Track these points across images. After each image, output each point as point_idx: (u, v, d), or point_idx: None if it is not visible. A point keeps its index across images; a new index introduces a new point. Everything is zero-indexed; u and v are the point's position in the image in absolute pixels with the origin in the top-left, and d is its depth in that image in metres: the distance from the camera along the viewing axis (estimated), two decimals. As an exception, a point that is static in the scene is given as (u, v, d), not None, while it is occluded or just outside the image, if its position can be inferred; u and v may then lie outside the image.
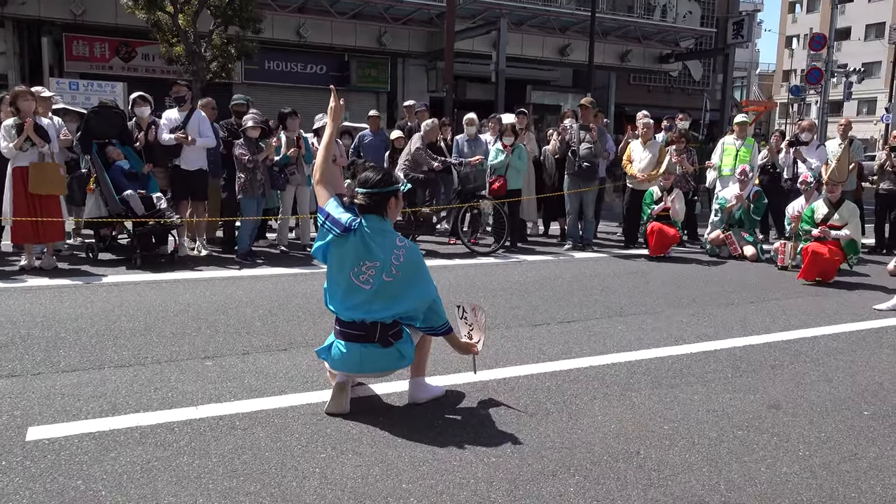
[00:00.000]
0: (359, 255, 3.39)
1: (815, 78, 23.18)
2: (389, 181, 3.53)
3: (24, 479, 2.74)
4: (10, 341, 4.49)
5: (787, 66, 55.36)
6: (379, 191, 3.46)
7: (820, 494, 2.85)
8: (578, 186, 9.18)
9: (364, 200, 3.45)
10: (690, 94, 28.36)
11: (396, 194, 3.54)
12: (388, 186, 3.49)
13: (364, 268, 3.39)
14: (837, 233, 7.61)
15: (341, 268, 3.43)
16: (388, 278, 3.38)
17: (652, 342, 4.99)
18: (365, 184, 3.48)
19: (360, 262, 3.39)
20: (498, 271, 7.65)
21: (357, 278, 3.39)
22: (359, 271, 3.39)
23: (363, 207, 3.46)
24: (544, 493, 2.78)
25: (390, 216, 3.52)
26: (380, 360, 3.48)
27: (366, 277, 3.39)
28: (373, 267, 3.38)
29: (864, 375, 4.40)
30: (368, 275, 3.38)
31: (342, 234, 3.40)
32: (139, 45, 18.72)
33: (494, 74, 18.46)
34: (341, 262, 3.43)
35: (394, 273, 3.39)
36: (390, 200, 3.50)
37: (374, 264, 3.38)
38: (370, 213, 3.46)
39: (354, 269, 3.39)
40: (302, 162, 8.37)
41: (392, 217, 3.53)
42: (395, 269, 3.39)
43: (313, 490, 2.75)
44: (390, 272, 3.38)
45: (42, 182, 6.63)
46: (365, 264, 3.39)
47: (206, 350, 4.46)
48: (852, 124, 10.75)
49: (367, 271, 3.38)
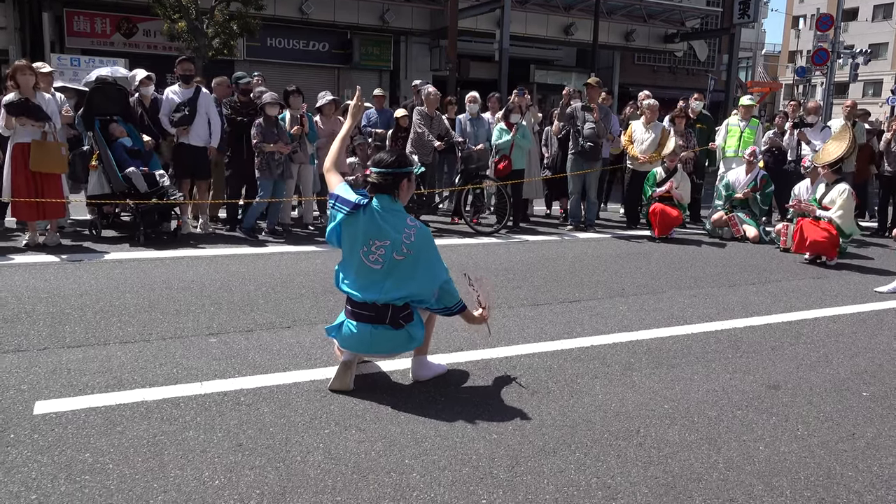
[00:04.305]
0: (369, 233, 3.40)
1: (821, 59, 22.97)
2: (404, 163, 3.54)
3: (33, 452, 2.78)
4: (16, 317, 4.52)
5: (794, 46, 54.95)
6: (392, 171, 3.47)
7: (818, 473, 2.89)
8: (581, 167, 9.15)
9: (377, 179, 3.46)
10: (695, 75, 28.17)
11: (409, 176, 3.55)
12: (402, 168, 3.51)
13: (374, 247, 3.40)
14: (822, 213, 7.59)
15: (352, 248, 3.45)
16: (399, 257, 3.39)
17: (653, 322, 5.02)
18: (379, 164, 3.50)
19: (370, 240, 3.40)
20: (500, 251, 7.67)
21: (367, 258, 3.40)
22: (368, 250, 3.40)
23: (376, 187, 3.47)
24: (545, 469, 2.82)
25: (402, 197, 3.54)
26: (389, 342, 3.50)
27: (375, 257, 3.40)
28: (383, 246, 3.39)
29: (864, 357, 4.43)
30: (378, 254, 3.40)
31: (352, 212, 3.42)
32: (140, 21, 18.60)
33: (498, 53, 18.34)
34: (352, 242, 3.44)
35: (404, 252, 3.39)
36: (403, 182, 3.51)
37: (385, 243, 3.39)
38: (382, 193, 3.47)
39: (364, 249, 3.41)
40: (305, 140, 8.35)
41: (403, 198, 3.55)
42: (405, 248, 3.39)
43: (317, 464, 2.79)
44: (401, 251, 3.39)
45: (43, 160, 6.62)
46: (375, 243, 3.40)
47: (210, 327, 4.49)
48: (858, 106, 10.69)
49: (377, 250, 3.40)
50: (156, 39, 18.59)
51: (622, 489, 2.70)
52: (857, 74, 28.70)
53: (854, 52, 27.34)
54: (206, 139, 7.99)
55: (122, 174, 7.14)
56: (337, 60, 21.54)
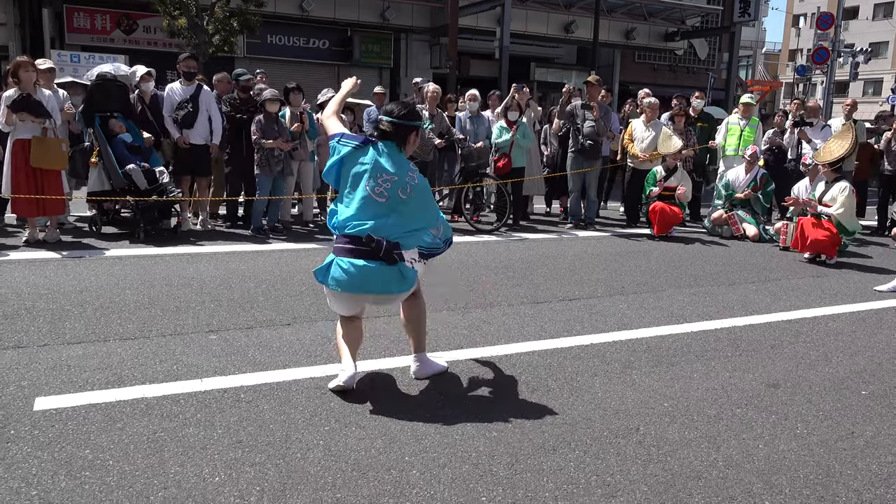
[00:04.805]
0: (376, 168, 3.43)
1: (821, 58, 22.98)
2: (414, 116, 3.58)
3: (33, 448, 2.79)
4: (16, 313, 4.52)
5: (794, 45, 54.91)
6: (402, 122, 3.51)
7: (817, 471, 2.89)
8: (581, 165, 9.15)
9: (387, 128, 3.51)
10: (695, 73, 28.16)
11: (417, 130, 3.60)
12: (412, 121, 3.55)
13: (381, 180, 3.42)
14: (824, 209, 7.59)
15: (355, 183, 3.45)
16: (404, 196, 3.43)
17: (653, 320, 5.02)
18: (390, 114, 3.53)
19: (378, 174, 3.42)
20: (500, 249, 7.67)
21: (373, 190, 3.41)
22: (375, 183, 3.42)
23: (384, 134, 3.52)
24: (545, 467, 2.82)
25: (407, 150, 3.57)
26: (381, 278, 3.40)
27: (381, 189, 3.42)
28: (389, 180, 3.42)
29: (864, 356, 4.44)
30: (385, 187, 3.42)
31: (359, 147, 3.47)
32: (141, 18, 18.59)
33: (498, 51, 18.33)
34: (356, 177, 3.45)
35: (409, 192, 3.43)
36: (411, 135, 3.55)
37: (392, 178, 3.42)
38: (389, 141, 3.52)
39: (370, 182, 3.41)
40: (305, 137, 8.34)
41: (408, 151, 3.59)
42: (409, 189, 3.44)
43: (317, 461, 2.79)
44: (406, 190, 3.43)
45: (44, 157, 6.61)
46: (382, 176, 3.42)
47: (210, 324, 4.50)
48: (858, 105, 10.69)
49: (384, 184, 3.42)
50: (156, 36, 18.57)
51: (622, 487, 2.70)
52: (858, 73, 28.70)
53: (854, 50, 27.35)
54: (207, 136, 7.99)
55: (123, 171, 7.13)
56: (337, 58, 21.53)
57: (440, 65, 21.14)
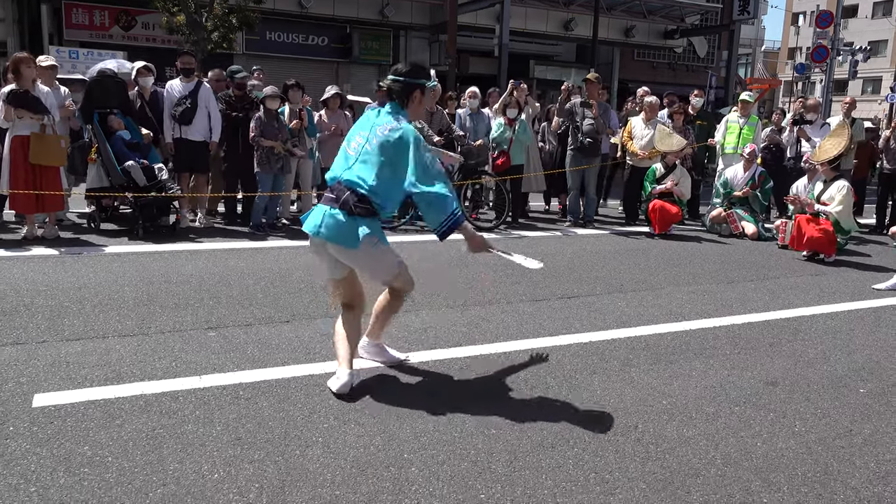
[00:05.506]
0: (359, 126, 3.58)
1: (820, 56, 22.95)
2: (419, 74, 3.54)
3: (32, 444, 2.79)
4: (14, 310, 4.52)
5: (793, 43, 54.86)
6: (406, 80, 3.48)
7: (815, 469, 2.90)
8: (580, 163, 9.15)
9: (390, 84, 3.51)
10: (695, 71, 28.15)
11: (422, 88, 3.53)
12: (416, 78, 3.51)
13: (359, 136, 3.52)
14: (822, 208, 7.60)
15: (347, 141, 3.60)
16: (369, 147, 3.45)
17: (652, 318, 5.03)
18: (395, 72, 3.53)
19: (359, 132, 3.54)
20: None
21: (349, 145, 3.55)
22: (352, 139, 3.55)
23: (389, 92, 3.52)
24: (543, 464, 2.82)
25: (412, 109, 3.54)
26: (336, 227, 3.38)
27: (355, 144, 3.51)
28: (364, 136, 3.49)
29: (862, 354, 4.44)
30: (358, 142, 3.51)
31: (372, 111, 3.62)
32: (139, 14, 18.56)
33: (497, 48, 18.32)
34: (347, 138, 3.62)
35: (374, 144, 3.42)
36: (415, 93, 3.50)
37: (366, 134, 3.49)
38: (392, 101, 3.52)
39: (351, 140, 3.55)
40: (304, 135, 8.33)
41: (414, 111, 3.55)
42: (375, 141, 3.42)
43: (316, 458, 2.79)
44: (372, 143, 3.44)
45: (42, 153, 6.60)
46: (360, 133, 3.52)
47: (208, 321, 4.49)
48: (857, 103, 10.69)
49: (360, 139, 3.50)
50: (154, 32, 18.54)
51: (620, 484, 2.70)
52: (857, 71, 28.67)
53: (853, 49, 27.33)
54: (206, 133, 7.98)
55: (121, 167, 7.12)
56: (336, 54, 21.52)
57: (439, 62, 21.12)
